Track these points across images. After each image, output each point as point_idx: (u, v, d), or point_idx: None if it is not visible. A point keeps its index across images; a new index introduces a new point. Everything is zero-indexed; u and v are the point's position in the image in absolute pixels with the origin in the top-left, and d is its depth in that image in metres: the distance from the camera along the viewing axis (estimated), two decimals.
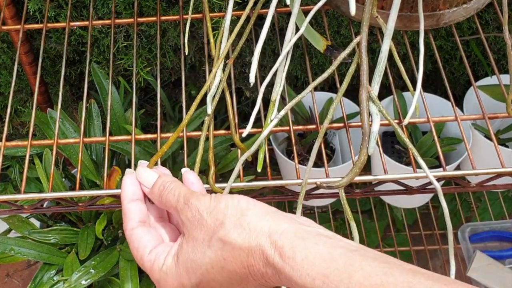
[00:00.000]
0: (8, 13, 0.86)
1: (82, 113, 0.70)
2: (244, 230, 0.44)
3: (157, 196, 0.51)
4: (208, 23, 0.73)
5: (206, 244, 0.45)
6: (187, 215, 0.47)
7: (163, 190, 0.51)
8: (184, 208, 0.48)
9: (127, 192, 0.53)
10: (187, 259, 0.46)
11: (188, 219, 0.47)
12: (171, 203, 0.50)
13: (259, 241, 0.43)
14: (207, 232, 0.46)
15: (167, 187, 0.51)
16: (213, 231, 0.45)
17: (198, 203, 0.47)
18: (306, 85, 1.09)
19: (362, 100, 0.60)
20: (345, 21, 0.98)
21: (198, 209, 0.47)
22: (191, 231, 0.47)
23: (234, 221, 0.45)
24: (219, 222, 0.45)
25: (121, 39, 0.97)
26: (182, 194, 0.49)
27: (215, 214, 0.46)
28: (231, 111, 0.65)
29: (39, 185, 0.99)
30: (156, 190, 0.52)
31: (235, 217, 0.45)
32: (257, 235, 0.43)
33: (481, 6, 0.73)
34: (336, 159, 1.09)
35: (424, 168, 0.57)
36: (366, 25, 0.63)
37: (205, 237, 0.46)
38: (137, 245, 0.50)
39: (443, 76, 0.71)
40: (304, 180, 0.59)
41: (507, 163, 0.62)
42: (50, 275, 0.93)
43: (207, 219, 0.46)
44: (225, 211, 0.46)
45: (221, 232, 0.45)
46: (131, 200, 0.53)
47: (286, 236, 0.43)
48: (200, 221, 0.46)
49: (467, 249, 1.08)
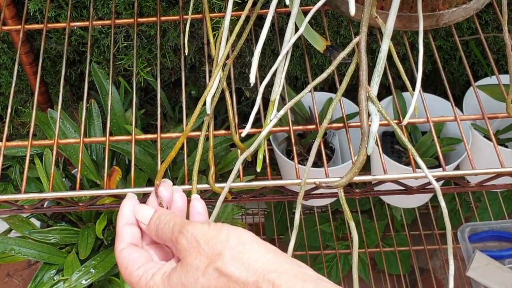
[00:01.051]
0: (8, 13, 0.87)
1: (82, 113, 0.70)
2: (243, 264, 0.44)
3: (154, 231, 0.51)
4: (208, 23, 0.73)
5: (200, 271, 0.45)
6: (182, 243, 0.47)
7: (158, 224, 0.51)
8: (179, 236, 0.47)
9: (124, 215, 0.53)
10: (178, 282, 0.46)
11: (183, 247, 0.47)
12: (166, 234, 0.49)
13: (257, 277, 0.43)
14: (203, 260, 0.45)
15: (162, 220, 0.51)
16: (210, 260, 0.45)
17: (194, 231, 0.47)
18: (305, 85, 1.09)
19: (361, 100, 0.60)
20: (344, 21, 0.99)
21: (195, 237, 0.46)
22: (187, 258, 0.46)
23: (234, 254, 0.44)
24: (217, 252, 0.45)
25: (121, 40, 0.97)
26: (177, 223, 0.49)
27: (213, 243, 0.46)
28: (231, 111, 0.65)
29: (39, 185, 0.99)
30: (153, 224, 0.51)
31: (235, 249, 0.45)
32: (256, 272, 0.43)
33: (480, 7, 0.73)
34: (335, 159, 1.09)
35: (423, 168, 0.57)
36: (365, 25, 0.63)
37: (200, 264, 0.45)
38: (126, 263, 0.50)
39: (443, 76, 0.71)
40: (303, 180, 0.59)
41: (507, 163, 0.63)
42: (51, 274, 0.93)
43: (205, 247, 0.46)
44: (225, 242, 0.45)
45: (219, 262, 0.44)
46: (126, 223, 0.53)
47: (285, 276, 0.42)
48: (196, 248, 0.46)
49: (467, 249, 1.08)
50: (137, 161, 0.90)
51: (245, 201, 0.68)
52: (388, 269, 1.33)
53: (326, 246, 1.34)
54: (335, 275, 1.31)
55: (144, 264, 0.49)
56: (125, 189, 0.63)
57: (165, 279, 0.47)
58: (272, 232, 1.36)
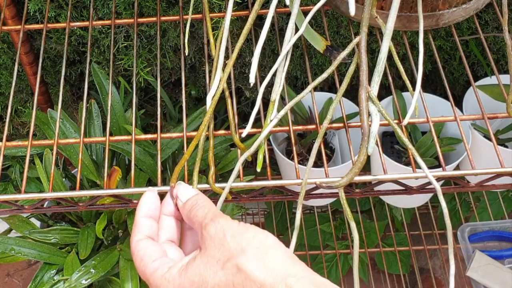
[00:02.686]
0: (8, 13, 0.87)
1: (82, 113, 0.70)
2: (264, 265, 0.44)
3: (188, 210, 0.52)
4: (208, 23, 0.73)
5: (220, 264, 0.45)
6: (210, 231, 0.48)
7: (195, 205, 0.52)
8: (209, 224, 0.48)
9: (144, 206, 0.54)
10: (196, 273, 0.46)
11: (210, 236, 0.48)
12: (198, 218, 0.50)
13: (275, 280, 0.43)
14: (225, 254, 0.46)
15: (200, 203, 0.52)
16: (231, 255, 0.45)
17: (225, 223, 0.48)
18: (305, 85, 1.09)
19: (362, 100, 0.60)
20: (344, 21, 0.99)
21: (224, 229, 0.47)
22: (209, 248, 0.47)
23: (256, 253, 0.45)
24: (241, 249, 0.45)
25: (121, 40, 0.97)
26: (212, 211, 0.50)
27: (239, 239, 0.46)
28: (231, 111, 0.65)
29: (39, 185, 0.99)
30: (189, 203, 0.53)
31: (258, 250, 0.45)
32: (275, 274, 0.44)
33: (480, 6, 0.73)
34: (335, 159, 1.09)
35: (423, 168, 0.57)
36: (365, 26, 0.63)
37: (221, 257, 0.46)
38: (142, 254, 0.50)
39: (443, 76, 0.71)
40: (303, 180, 0.59)
41: (507, 163, 0.63)
42: (51, 274, 0.93)
43: (230, 241, 0.46)
44: (250, 240, 0.46)
45: (240, 259, 0.45)
46: (144, 215, 0.53)
47: (303, 282, 0.43)
48: (221, 240, 0.47)
49: (467, 249, 1.08)
50: (137, 161, 0.90)
51: (245, 201, 0.68)
52: (388, 269, 1.33)
53: (326, 246, 1.34)
54: (334, 275, 1.31)
55: (160, 258, 0.50)
56: (125, 189, 0.63)
57: (182, 271, 0.47)
58: (272, 232, 1.34)
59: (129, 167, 1.00)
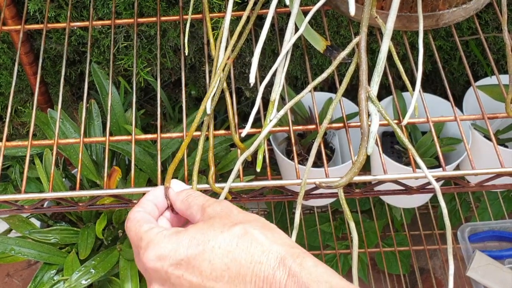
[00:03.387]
0: (8, 13, 0.87)
1: (82, 113, 0.70)
2: (271, 236, 0.45)
3: (184, 196, 0.52)
4: (208, 23, 0.73)
5: (227, 226, 0.45)
6: (216, 209, 0.48)
7: (191, 193, 0.52)
8: (214, 204, 0.49)
9: (153, 194, 0.54)
10: (198, 231, 0.46)
11: (216, 211, 0.48)
12: (198, 201, 0.50)
13: (280, 249, 0.43)
14: (233, 220, 0.46)
15: (197, 193, 0.53)
16: (239, 221, 0.46)
17: (230, 204, 0.49)
18: (305, 85, 1.09)
19: (361, 100, 0.60)
20: (344, 21, 0.99)
21: (230, 207, 0.48)
22: (215, 217, 0.47)
23: (264, 225, 0.46)
24: (249, 219, 0.46)
25: (121, 40, 0.97)
26: (213, 198, 0.51)
27: (247, 215, 0.47)
28: (231, 111, 0.65)
29: (39, 185, 0.99)
30: (184, 193, 0.53)
31: (265, 227, 0.46)
32: (281, 244, 0.44)
33: (480, 7, 0.73)
34: (335, 159, 1.09)
35: (423, 168, 0.57)
36: (365, 26, 0.63)
37: (228, 222, 0.46)
38: (139, 218, 0.50)
39: (443, 76, 0.71)
40: (303, 180, 0.59)
41: (507, 163, 0.63)
42: (51, 275, 0.93)
43: (237, 214, 0.47)
44: (258, 219, 0.47)
45: (248, 225, 0.45)
46: (151, 200, 0.53)
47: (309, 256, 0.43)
48: (228, 213, 0.47)
49: (467, 249, 1.08)
50: (137, 161, 0.90)
51: (245, 201, 0.68)
52: (388, 269, 1.33)
53: (326, 246, 1.34)
54: None
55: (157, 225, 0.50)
56: (125, 189, 0.63)
57: (181, 230, 0.47)
58: None
59: (129, 167, 1.00)
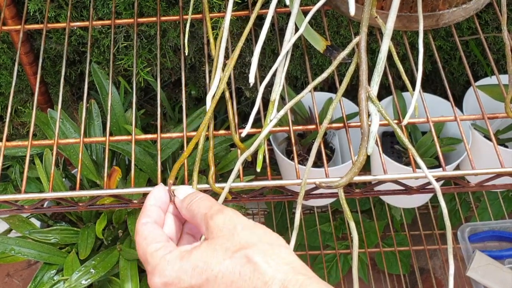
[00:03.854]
0: (8, 13, 0.87)
1: (82, 113, 0.70)
2: (275, 260, 0.44)
3: (188, 203, 0.52)
4: (208, 23, 0.73)
5: (229, 253, 0.45)
6: (218, 221, 0.47)
7: (194, 199, 0.51)
8: (217, 214, 0.48)
9: (155, 196, 0.53)
10: (201, 259, 0.45)
11: (218, 226, 0.47)
12: (201, 209, 0.49)
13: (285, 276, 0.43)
14: (235, 244, 0.45)
15: (200, 196, 0.51)
16: (242, 246, 0.45)
17: (234, 215, 0.47)
18: (306, 85, 1.09)
19: (361, 100, 0.60)
20: (344, 21, 0.99)
21: (234, 220, 0.47)
22: (218, 238, 0.46)
23: (267, 248, 0.45)
24: (252, 242, 0.45)
25: (121, 40, 0.97)
26: (217, 204, 0.50)
27: (250, 233, 0.46)
28: (231, 111, 0.65)
29: (39, 185, 0.99)
30: (188, 198, 0.52)
31: (269, 245, 0.45)
32: (286, 271, 0.43)
33: (480, 7, 0.73)
34: (336, 159, 1.09)
35: (423, 168, 0.57)
36: (365, 26, 0.63)
37: (230, 247, 0.45)
38: (146, 234, 0.49)
39: (443, 76, 0.71)
40: (303, 180, 0.59)
41: (507, 163, 0.63)
42: (51, 275, 0.93)
43: (240, 232, 0.46)
44: (262, 236, 0.46)
45: (251, 251, 0.44)
46: (154, 204, 0.53)
47: (314, 280, 0.43)
48: (231, 231, 0.46)
49: (467, 249, 1.08)
50: (137, 161, 0.90)
51: (245, 201, 0.68)
52: (388, 269, 1.32)
53: (326, 246, 1.34)
54: (334, 275, 1.31)
55: (165, 242, 0.49)
56: (125, 189, 0.63)
57: (184, 255, 0.46)
58: None
59: (129, 167, 1.00)
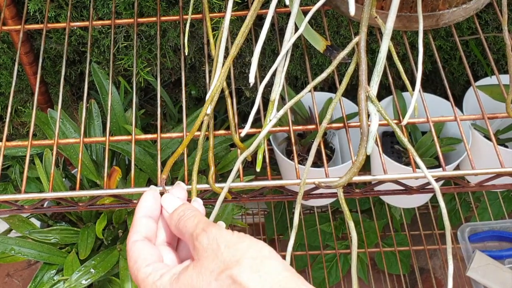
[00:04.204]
0: (8, 13, 0.87)
1: (82, 113, 0.70)
2: (260, 277, 0.43)
3: (175, 220, 0.51)
4: (208, 23, 0.73)
5: (214, 275, 0.44)
6: (203, 242, 0.46)
7: (182, 216, 0.50)
8: (201, 234, 0.47)
9: (143, 206, 0.53)
10: (188, 284, 0.45)
11: (203, 246, 0.46)
12: (188, 228, 0.49)
13: None
14: (219, 264, 0.45)
15: (187, 214, 0.50)
16: (226, 266, 0.44)
17: (218, 233, 0.47)
18: (305, 85, 1.09)
19: (361, 100, 0.60)
20: (344, 21, 0.99)
21: (217, 239, 0.46)
22: (203, 259, 0.46)
23: (252, 264, 0.44)
24: (236, 260, 0.44)
25: (121, 40, 0.97)
26: (203, 221, 0.49)
27: (234, 250, 0.45)
28: (230, 111, 0.65)
29: (39, 185, 0.99)
30: (176, 215, 0.51)
31: (254, 260, 0.44)
32: (271, 286, 0.43)
33: (480, 6, 0.73)
34: (335, 159, 1.09)
35: (423, 168, 0.57)
36: (365, 25, 0.63)
37: (215, 268, 0.44)
38: (136, 256, 0.49)
39: (443, 76, 0.71)
40: (303, 180, 0.59)
41: (507, 163, 0.63)
42: (51, 274, 0.93)
43: (224, 252, 0.45)
44: (245, 251, 0.45)
45: (235, 270, 0.43)
46: (144, 215, 0.52)
47: None
48: (215, 251, 0.45)
49: (467, 249, 1.08)
50: (137, 161, 0.90)
51: (245, 201, 0.68)
52: (388, 269, 1.33)
53: (326, 246, 1.34)
54: (334, 275, 1.31)
55: (154, 263, 0.49)
56: (125, 189, 0.63)
57: (173, 280, 0.46)
58: (272, 232, 1.36)
59: (129, 167, 1.00)
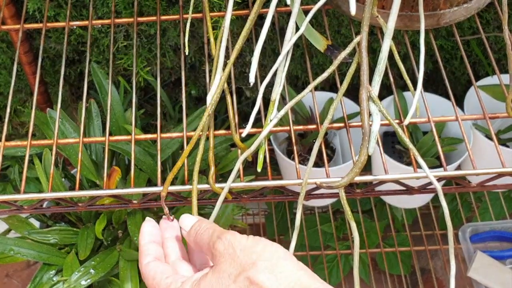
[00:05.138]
0: (7, 12, 0.86)
1: (82, 113, 0.70)
2: (276, 276, 0.44)
3: (193, 236, 0.53)
4: (208, 22, 0.72)
5: (232, 278, 0.46)
6: (219, 248, 0.48)
7: (199, 230, 0.52)
8: (217, 242, 0.49)
9: (145, 233, 0.55)
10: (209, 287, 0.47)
11: (220, 252, 0.48)
12: (204, 240, 0.51)
13: None
14: (237, 267, 0.46)
15: (203, 227, 0.52)
16: (243, 268, 0.45)
17: (233, 238, 0.48)
18: (306, 85, 1.09)
19: (362, 100, 0.60)
20: (345, 20, 0.98)
21: (232, 244, 0.48)
22: (220, 264, 0.47)
23: (267, 265, 0.45)
24: (252, 262, 0.46)
25: (121, 39, 0.97)
26: (217, 230, 0.50)
27: (249, 253, 0.46)
28: (231, 111, 0.65)
29: (38, 185, 0.99)
30: (193, 230, 0.53)
31: (269, 261, 0.45)
32: (287, 286, 0.44)
33: (481, 6, 0.73)
34: (336, 159, 1.09)
35: (424, 168, 0.57)
36: (366, 25, 0.63)
37: (233, 271, 0.46)
38: (153, 273, 0.51)
39: (444, 76, 0.70)
40: (304, 180, 0.59)
41: (508, 163, 0.62)
42: (50, 275, 0.92)
43: (240, 255, 0.47)
44: (260, 253, 0.46)
45: (252, 271, 0.45)
46: (148, 241, 0.54)
47: None
48: (232, 255, 0.47)
49: (468, 249, 1.08)
50: (137, 161, 0.89)
51: (245, 201, 0.67)
52: (389, 270, 1.32)
53: (326, 247, 1.33)
54: (335, 276, 1.30)
55: (173, 275, 0.51)
56: (124, 189, 0.63)
57: (194, 286, 0.48)
58: (273, 233, 1.36)
59: (128, 167, 0.99)
